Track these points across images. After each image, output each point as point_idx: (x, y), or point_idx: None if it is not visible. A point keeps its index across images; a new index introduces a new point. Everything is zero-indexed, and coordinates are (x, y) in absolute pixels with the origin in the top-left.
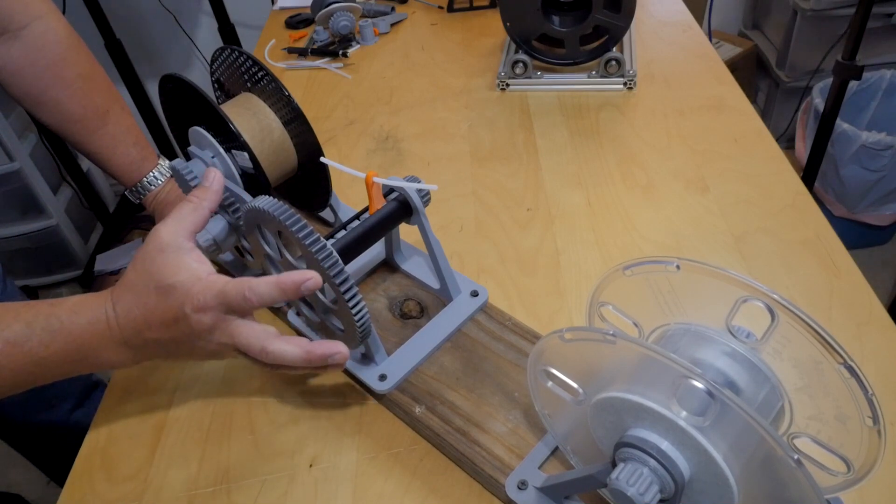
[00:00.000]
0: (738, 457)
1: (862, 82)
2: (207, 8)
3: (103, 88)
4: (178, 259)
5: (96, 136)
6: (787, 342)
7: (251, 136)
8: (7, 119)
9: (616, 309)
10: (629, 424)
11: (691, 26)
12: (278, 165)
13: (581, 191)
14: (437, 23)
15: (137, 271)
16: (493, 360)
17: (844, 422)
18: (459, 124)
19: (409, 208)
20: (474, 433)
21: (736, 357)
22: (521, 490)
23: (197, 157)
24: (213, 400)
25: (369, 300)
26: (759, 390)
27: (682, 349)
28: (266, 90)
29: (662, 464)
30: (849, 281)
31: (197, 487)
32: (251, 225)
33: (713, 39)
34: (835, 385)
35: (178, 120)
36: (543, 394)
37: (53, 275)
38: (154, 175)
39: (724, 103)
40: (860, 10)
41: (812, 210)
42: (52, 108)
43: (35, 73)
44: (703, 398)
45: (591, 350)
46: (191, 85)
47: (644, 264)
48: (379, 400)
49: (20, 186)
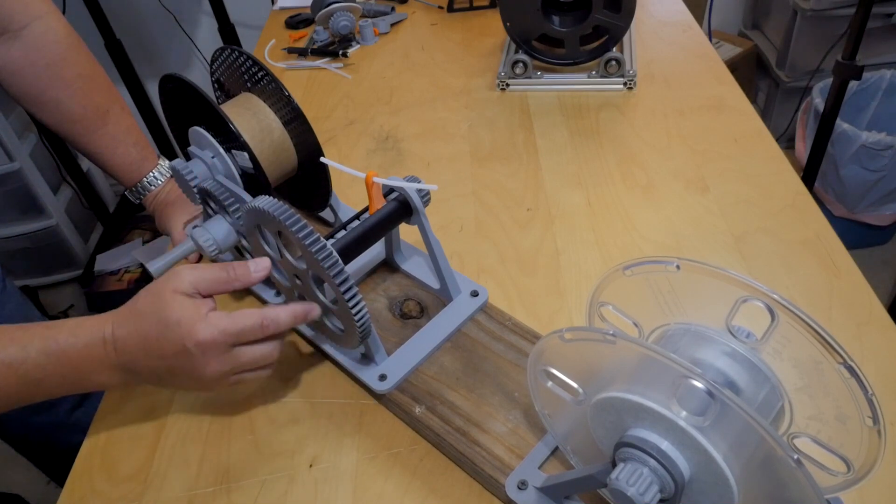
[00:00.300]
0: (739, 457)
1: (862, 82)
2: (207, 8)
3: (103, 88)
4: (186, 301)
5: (96, 136)
6: (787, 342)
7: (251, 135)
8: (7, 119)
9: (616, 309)
10: (629, 424)
11: (691, 26)
12: (278, 165)
13: (581, 191)
14: (437, 23)
15: (145, 302)
16: (494, 360)
17: (844, 422)
18: (459, 124)
19: (409, 208)
20: (474, 433)
21: (736, 357)
22: (521, 490)
23: (197, 157)
24: (213, 400)
25: (369, 300)
26: (759, 390)
27: (682, 349)
28: (266, 90)
29: (662, 464)
30: (849, 281)
31: (197, 487)
32: (251, 225)
33: (713, 39)
34: (835, 385)
35: (179, 120)
36: (543, 394)
37: (53, 275)
38: (154, 175)
39: (724, 103)
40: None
41: (812, 210)
42: (52, 107)
43: (35, 73)
44: (703, 398)
45: (591, 350)
46: (191, 85)
47: (644, 264)
48: (379, 400)
49: (20, 186)
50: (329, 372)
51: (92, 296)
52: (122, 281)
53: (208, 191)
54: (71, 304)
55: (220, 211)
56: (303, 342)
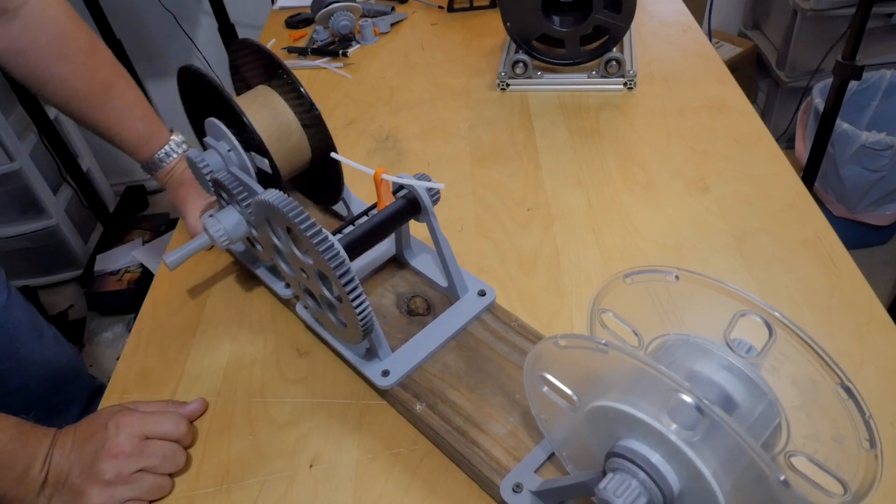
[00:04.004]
0: (729, 474)
1: (862, 82)
2: (207, 8)
3: (106, 62)
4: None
5: (102, 111)
6: (786, 359)
7: (266, 129)
8: (7, 119)
9: (616, 316)
10: (621, 434)
11: (691, 26)
12: (292, 159)
13: (581, 191)
14: (437, 23)
15: (91, 422)
16: (497, 360)
17: (841, 442)
18: (459, 124)
19: (418, 206)
20: (473, 433)
21: (733, 371)
22: (516, 493)
23: (212, 147)
24: (214, 400)
25: (377, 295)
26: (756, 405)
27: (680, 361)
28: (282, 84)
29: (652, 476)
30: (849, 281)
31: (197, 487)
32: (260, 218)
33: (713, 39)
34: (832, 405)
35: (196, 110)
36: (540, 399)
37: (53, 275)
38: (165, 151)
39: (724, 103)
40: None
41: (812, 210)
42: (56, 85)
43: (37, 52)
44: (693, 413)
45: (586, 358)
46: (209, 80)
47: (644, 273)
48: (382, 396)
49: (20, 186)
50: (329, 372)
51: (92, 296)
52: (122, 281)
53: (221, 182)
54: (71, 304)
55: (232, 202)
56: (303, 342)
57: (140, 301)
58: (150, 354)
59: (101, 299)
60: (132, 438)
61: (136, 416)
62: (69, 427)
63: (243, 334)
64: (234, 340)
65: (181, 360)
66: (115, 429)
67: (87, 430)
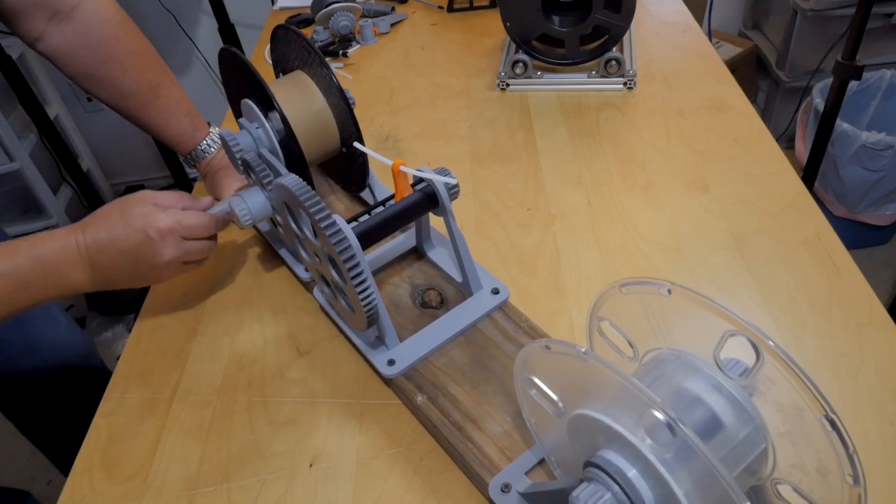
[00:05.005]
0: (704, 497)
1: (862, 82)
2: (207, 8)
3: (153, 63)
4: (146, 204)
5: (150, 109)
6: (772, 384)
7: (292, 107)
8: (7, 119)
9: (613, 326)
10: (600, 445)
11: (691, 26)
12: (319, 144)
13: (581, 191)
14: (437, 23)
15: (111, 208)
16: (502, 359)
17: (825, 475)
18: (459, 124)
19: (435, 200)
20: (469, 429)
21: (722, 391)
22: (504, 493)
23: (245, 128)
24: (213, 400)
25: (392, 285)
26: (743, 428)
27: (670, 376)
28: (315, 70)
29: (626, 491)
30: (849, 281)
31: (197, 487)
32: (280, 200)
33: (713, 39)
34: (817, 436)
35: (235, 92)
36: (529, 401)
37: None
38: (207, 143)
39: (724, 103)
40: (860, 10)
41: (812, 210)
42: (106, 84)
43: (89, 52)
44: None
45: (571, 365)
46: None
47: (638, 284)
48: (386, 384)
49: (20, 186)
50: (329, 372)
51: (92, 295)
52: None
53: (248, 162)
54: (71, 303)
55: (257, 183)
56: (303, 342)
57: (140, 301)
58: (150, 354)
59: (101, 299)
60: (178, 243)
61: (171, 221)
62: (93, 222)
63: (243, 334)
64: (234, 340)
65: (181, 360)
66: (159, 238)
67: (124, 237)
